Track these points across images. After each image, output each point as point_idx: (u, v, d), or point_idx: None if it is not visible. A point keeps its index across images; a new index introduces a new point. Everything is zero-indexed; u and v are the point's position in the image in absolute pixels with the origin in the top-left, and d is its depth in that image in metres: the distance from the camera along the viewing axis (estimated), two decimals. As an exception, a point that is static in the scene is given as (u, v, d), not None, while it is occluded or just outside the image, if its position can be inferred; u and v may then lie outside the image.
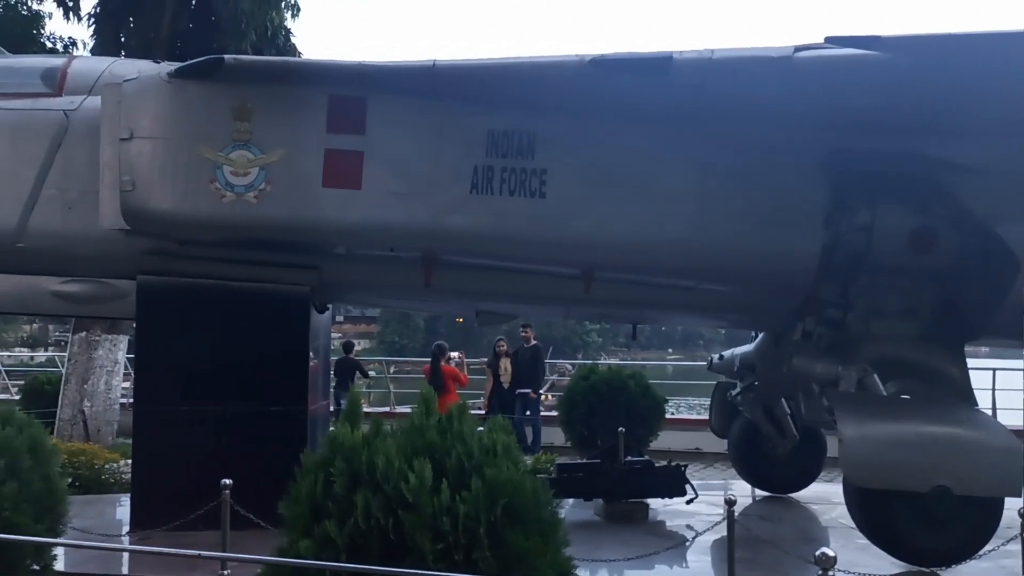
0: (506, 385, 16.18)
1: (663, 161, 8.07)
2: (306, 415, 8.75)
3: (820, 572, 3.44)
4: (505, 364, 16.32)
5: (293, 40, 18.23)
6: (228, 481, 6.78)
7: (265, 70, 8.17)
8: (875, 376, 7.95)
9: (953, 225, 8.11)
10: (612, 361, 31.75)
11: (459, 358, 16.93)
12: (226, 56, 8.10)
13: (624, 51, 7.50)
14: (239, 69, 7.93)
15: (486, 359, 17.61)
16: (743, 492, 11.11)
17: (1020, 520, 6.13)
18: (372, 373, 22.89)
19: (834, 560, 3.50)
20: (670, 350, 73.05)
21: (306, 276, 8.73)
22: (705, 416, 14.73)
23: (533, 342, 16.52)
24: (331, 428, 6.15)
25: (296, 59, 14.24)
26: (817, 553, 3.52)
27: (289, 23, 18.02)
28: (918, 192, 8.12)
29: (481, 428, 4.42)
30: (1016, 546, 6.22)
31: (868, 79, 6.84)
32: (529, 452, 14.05)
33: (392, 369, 28.23)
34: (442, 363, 15.31)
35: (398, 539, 3.90)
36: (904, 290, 8.42)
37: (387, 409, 18.75)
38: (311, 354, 8.99)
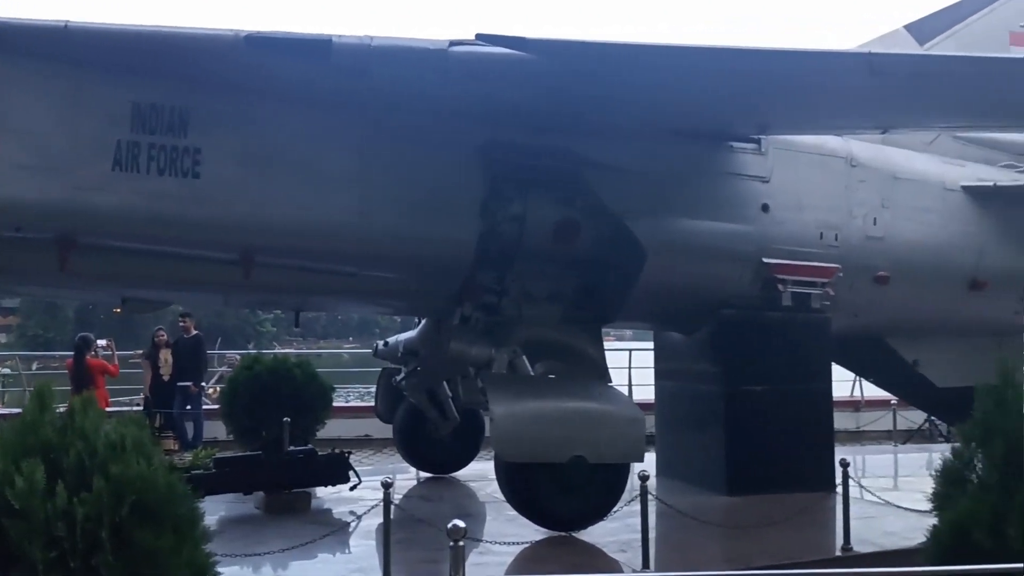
0: (166, 378, 15.24)
1: (325, 145, 8.00)
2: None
3: (452, 543, 3.60)
4: (165, 355, 15.35)
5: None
6: None
7: None
8: (524, 358, 8.52)
9: (592, 218, 8.89)
10: (288, 351, 31.00)
11: (107, 347, 15.60)
12: None
13: (282, 30, 7.32)
14: None
15: (143, 350, 16.43)
16: (408, 475, 11.41)
17: (640, 482, 6.87)
18: (6, 371, 20.38)
19: (464, 531, 3.68)
20: (351, 338, 72.81)
21: (-95, 260, 7.50)
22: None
23: (194, 332, 15.67)
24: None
25: None
26: (448, 526, 3.68)
27: None
28: (563, 186, 8.80)
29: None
30: (638, 505, 6.97)
31: (516, 77, 7.26)
32: (190, 448, 13.32)
33: (35, 365, 25.30)
34: (88, 356, 14.01)
35: (3, 550, 3.48)
36: (551, 277, 9.10)
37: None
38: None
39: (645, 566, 6.77)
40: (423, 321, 11.02)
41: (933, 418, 15.51)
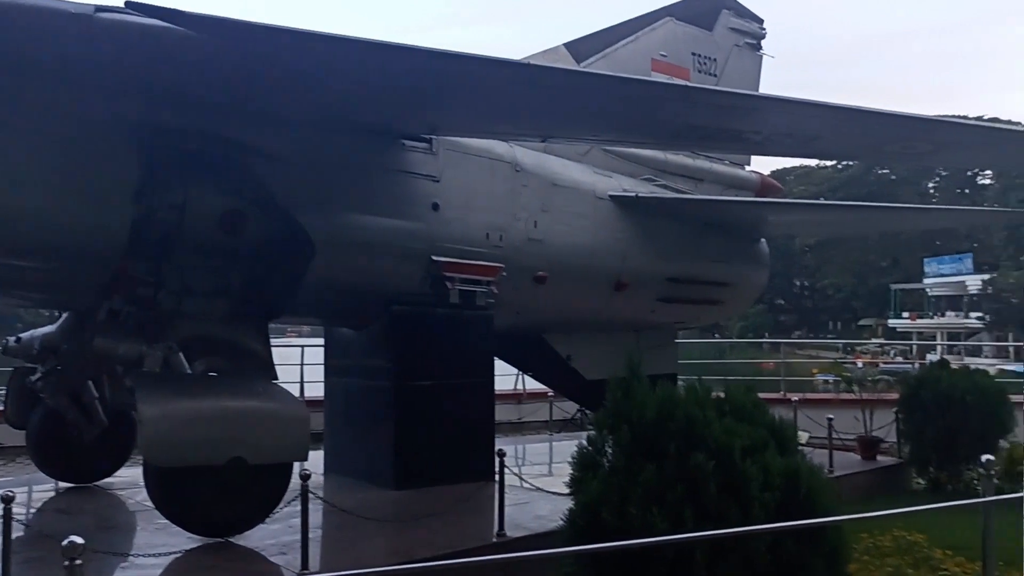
0: None
1: None
2: None
3: (67, 562, 3.21)
4: None
5: None
6: None
7: None
8: (181, 355, 7.97)
9: (260, 209, 8.53)
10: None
11: None
12: None
13: None
14: None
15: None
16: (46, 486, 10.20)
17: (301, 482, 6.70)
18: None
19: (81, 548, 3.29)
20: (-13, 333, 63.88)
21: None
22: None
23: None
24: None
25: None
26: (64, 543, 3.28)
27: None
28: (228, 175, 8.35)
29: None
30: (299, 506, 6.78)
31: (173, 53, 6.70)
32: None
33: None
34: None
35: None
36: (215, 270, 8.59)
37: None
38: None
39: (305, 567, 6.62)
40: (64, 315, 9.93)
41: (583, 408, 16.86)
